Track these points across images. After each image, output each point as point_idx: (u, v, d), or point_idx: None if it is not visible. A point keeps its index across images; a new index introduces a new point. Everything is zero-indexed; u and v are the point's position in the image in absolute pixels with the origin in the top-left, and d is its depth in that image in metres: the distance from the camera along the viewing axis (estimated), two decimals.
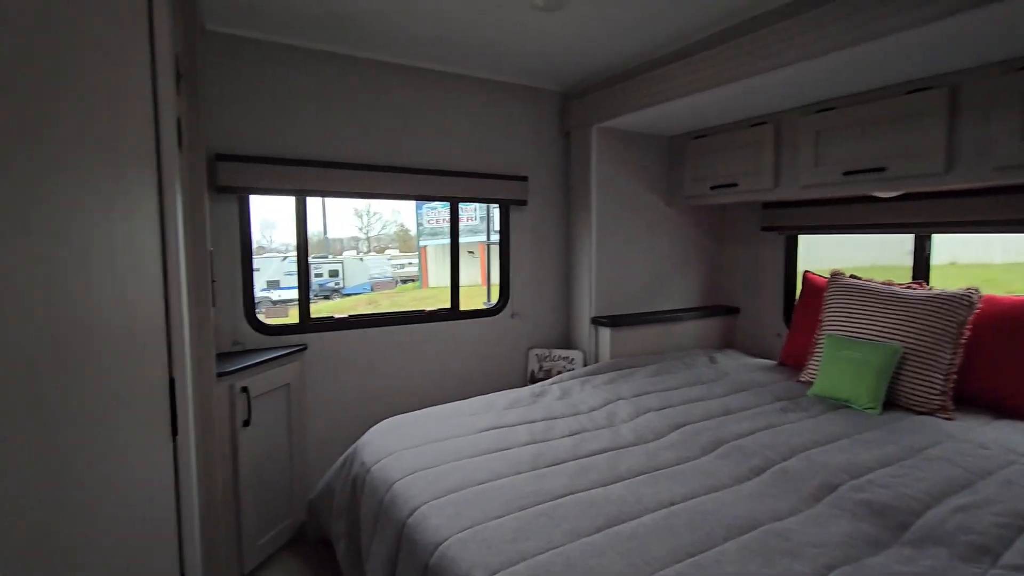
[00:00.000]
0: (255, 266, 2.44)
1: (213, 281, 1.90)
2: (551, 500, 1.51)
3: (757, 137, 2.65)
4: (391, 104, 2.63)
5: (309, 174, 2.42)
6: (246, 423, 2.10)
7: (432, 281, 15.51)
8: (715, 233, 3.47)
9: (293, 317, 2.63)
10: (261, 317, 2.48)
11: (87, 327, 0.83)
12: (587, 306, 3.03)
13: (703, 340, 3.28)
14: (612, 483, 1.62)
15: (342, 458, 2.21)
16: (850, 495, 1.48)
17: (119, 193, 0.93)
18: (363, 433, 2.59)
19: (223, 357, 2.20)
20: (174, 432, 1.07)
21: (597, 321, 2.98)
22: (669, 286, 3.30)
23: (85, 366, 0.83)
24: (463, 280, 3.05)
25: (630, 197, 3.10)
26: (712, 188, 2.87)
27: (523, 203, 2.99)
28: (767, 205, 3.14)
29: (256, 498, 2.18)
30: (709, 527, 1.35)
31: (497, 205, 3.03)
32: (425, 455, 1.84)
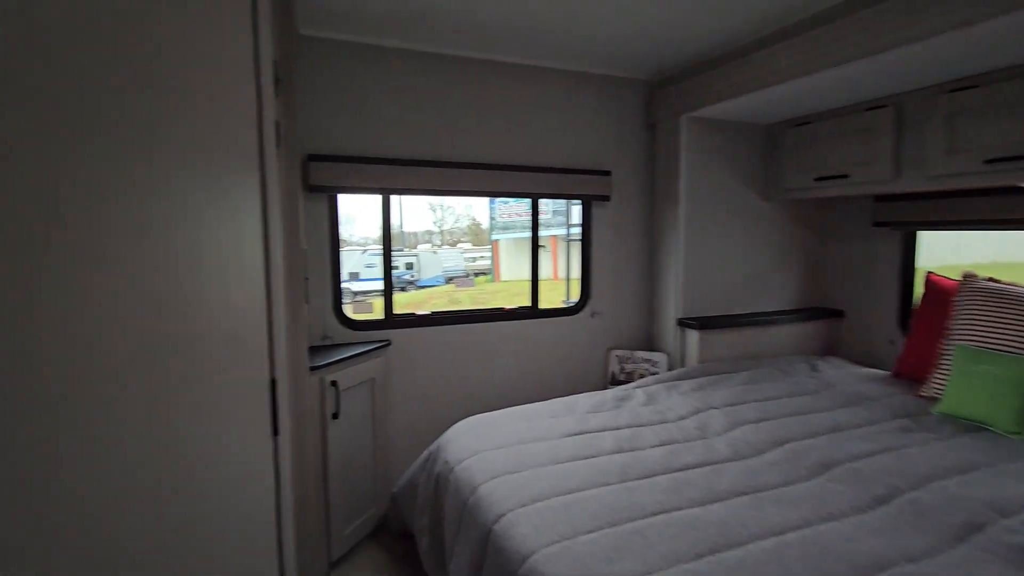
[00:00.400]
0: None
1: (306, 279, 1.96)
2: (644, 517, 1.42)
3: (873, 122, 2.37)
4: (472, 100, 2.61)
5: (393, 172, 2.45)
6: (335, 416, 2.16)
7: (504, 275, 15.62)
8: (817, 229, 3.18)
9: (377, 311, 2.69)
10: (347, 310, 2.55)
11: (197, 328, 0.85)
12: (673, 306, 2.87)
13: (802, 346, 3.03)
14: (711, 503, 1.49)
15: (424, 454, 2.22)
16: (1002, 537, 1.28)
17: (226, 196, 0.94)
18: (444, 429, 2.61)
19: (313, 351, 2.28)
20: (275, 432, 1.08)
21: (684, 323, 2.82)
22: (764, 286, 3.06)
23: (194, 365, 0.84)
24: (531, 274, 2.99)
25: (721, 191, 2.90)
26: (817, 180, 2.61)
27: (606, 199, 2.88)
28: (880, 198, 2.83)
29: (343, 488, 2.25)
30: (829, 563, 1.20)
31: (578, 201, 2.94)
32: (509, 458, 1.81)
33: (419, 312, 2.69)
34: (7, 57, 0.50)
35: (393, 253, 2.62)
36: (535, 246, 2.91)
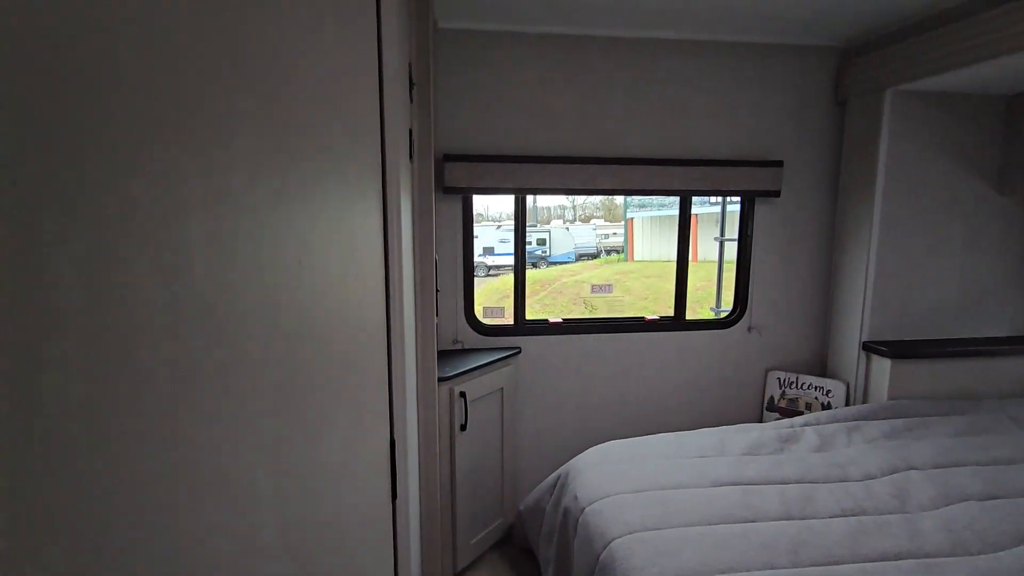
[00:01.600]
0: (474, 233, 2.42)
1: (437, 291, 1.88)
2: None
3: None
4: (617, 86, 2.32)
5: (530, 171, 2.27)
6: (463, 427, 2.10)
7: (638, 254, 14.97)
8: None
9: (503, 286, 2.57)
10: (477, 313, 2.47)
11: (311, 380, 0.75)
12: (857, 325, 2.36)
13: None
14: None
15: (553, 476, 2.08)
16: None
17: (340, 238, 0.82)
18: (575, 445, 2.46)
19: (443, 355, 2.23)
20: (394, 496, 0.98)
21: (871, 347, 2.30)
22: (988, 304, 2.39)
23: (308, 421, 0.75)
24: (667, 255, 2.64)
25: (934, 181, 2.28)
26: None
27: (775, 194, 2.42)
28: None
29: (470, 499, 2.20)
30: None
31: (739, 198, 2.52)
32: (648, 509, 1.58)
33: (552, 319, 2.52)
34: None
35: (527, 229, 2.47)
36: (683, 251, 2.56)
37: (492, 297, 8.94)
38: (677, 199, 2.55)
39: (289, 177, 0.68)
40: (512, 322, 2.50)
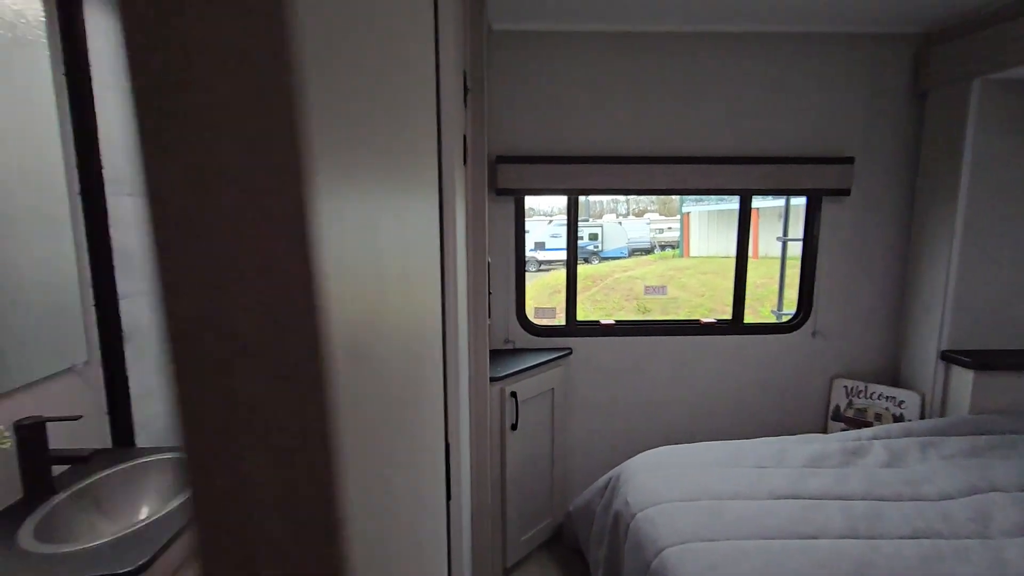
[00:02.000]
0: (525, 228, 2.42)
1: (490, 293, 1.90)
2: None
3: None
4: (672, 81, 2.25)
5: (582, 171, 2.26)
6: (513, 427, 2.12)
7: (694, 250, 14.53)
8: None
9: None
10: (529, 313, 2.48)
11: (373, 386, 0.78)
12: (935, 332, 2.20)
13: None
14: None
15: (604, 479, 2.08)
16: None
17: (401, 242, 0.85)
18: (627, 447, 2.44)
19: (495, 355, 2.26)
20: (448, 497, 1.01)
21: (950, 356, 2.15)
22: None
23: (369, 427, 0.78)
24: (725, 250, 2.55)
25: None
26: None
27: (844, 192, 2.29)
28: None
29: (520, 497, 2.23)
30: None
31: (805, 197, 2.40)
32: (701, 518, 1.55)
33: (604, 321, 2.50)
34: None
35: (579, 223, 2.46)
36: (742, 251, 2.47)
37: (543, 292, 8.92)
38: None
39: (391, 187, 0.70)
40: (563, 323, 2.50)
